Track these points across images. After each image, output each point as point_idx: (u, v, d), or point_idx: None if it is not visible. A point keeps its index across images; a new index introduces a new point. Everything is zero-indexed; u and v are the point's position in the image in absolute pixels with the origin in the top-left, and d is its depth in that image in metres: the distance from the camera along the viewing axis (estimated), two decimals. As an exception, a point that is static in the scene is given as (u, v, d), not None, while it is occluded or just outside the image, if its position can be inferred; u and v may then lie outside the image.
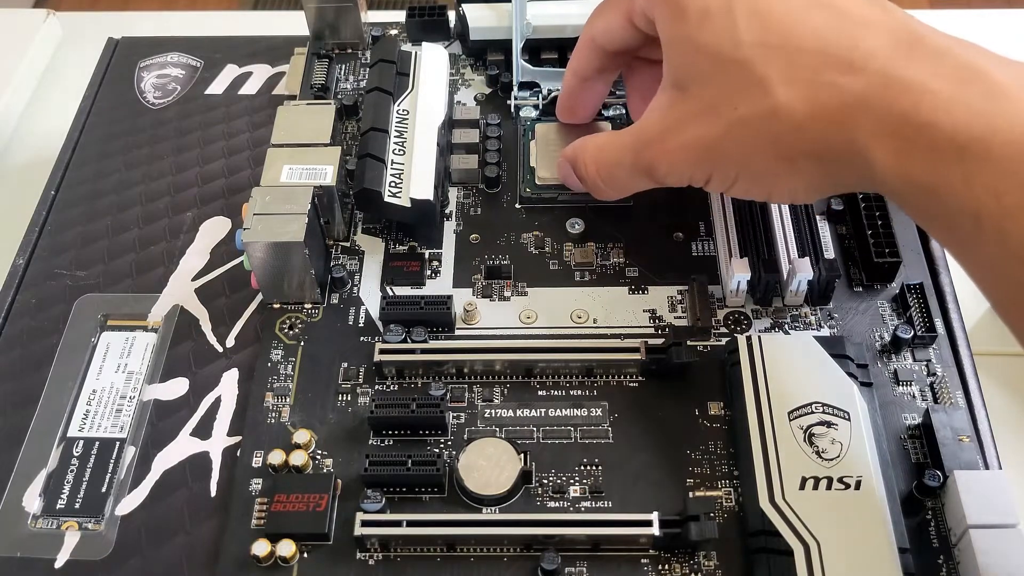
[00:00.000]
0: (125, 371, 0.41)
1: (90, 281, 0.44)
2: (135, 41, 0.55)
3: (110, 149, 0.49)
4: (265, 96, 0.52)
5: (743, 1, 0.33)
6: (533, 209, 0.45)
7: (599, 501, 0.36)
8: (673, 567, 0.34)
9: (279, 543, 0.34)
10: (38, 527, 0.36)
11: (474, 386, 0.39)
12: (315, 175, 0.42)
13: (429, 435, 0.38)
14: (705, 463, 0.37)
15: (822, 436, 0.35)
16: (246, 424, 0.38)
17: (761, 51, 0.32)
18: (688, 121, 0.35)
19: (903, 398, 0.38)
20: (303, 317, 0.42)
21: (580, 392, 0.39)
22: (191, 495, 0.37)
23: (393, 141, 0.44)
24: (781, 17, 0.33)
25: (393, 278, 0.43)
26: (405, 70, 0.47)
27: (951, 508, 0.34)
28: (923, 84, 0.29)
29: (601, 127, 0.46)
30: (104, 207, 0.47)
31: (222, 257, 0.44)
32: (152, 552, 0.35)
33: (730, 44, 0.33)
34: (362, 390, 0.39)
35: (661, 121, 0.36)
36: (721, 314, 0.41)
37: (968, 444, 0.36)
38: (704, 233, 0.44)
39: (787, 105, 0.32)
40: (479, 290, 0.42)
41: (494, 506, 0.36)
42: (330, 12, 0.51)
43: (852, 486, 0.34)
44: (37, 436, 0.39)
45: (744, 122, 0.33)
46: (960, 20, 0.61)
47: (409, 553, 0.35)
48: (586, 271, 0.43)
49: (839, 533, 0.33)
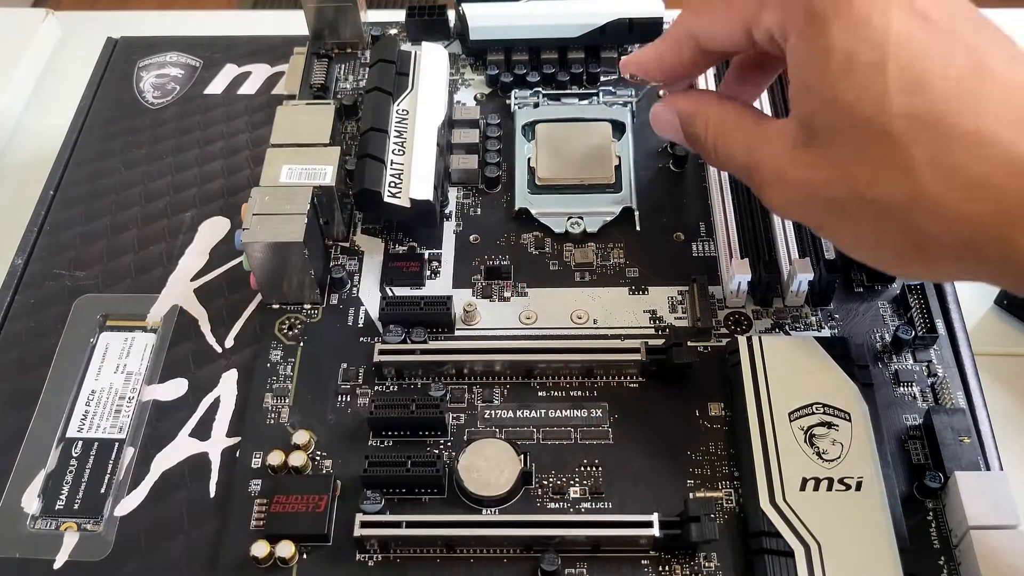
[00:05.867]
0: (124, 372, 0.41)
1: (89, 281, 0.44)
2: (134, 41, 0.55)
3: (109, 149, 0.49)
4: (264, 96, 0.52)
5: (898, 60, 0.28)
6: (533, 210, 0.45)
7: (599, 502, 0.36)
8: (673, 568, 0.34)
9: (278, 544, 0.34)
10: (37, 528, 0.36)
11: (474, 387, 0.39)
12: (314, 175, 0.42)
13: (429, 436, 0.38)
14: (705, 464, 0.36)
15: (823, 437, 0.35)
16: (245, 425, 0.38)
17: (910, 125, 0.28)
18: (813, 171, 0.31)
19: (904, 399, 0.38)
20: (302, 318, 0.41)
21: (580, 393, 0.39)
22: (190, 496, 0.37)
23: (393, 141, 0.44)
24: (940, 89, 0.28)
25: (393, 278, 0.43)
26: (405, 70, 0.47)
27: (952, 509, 0.34)
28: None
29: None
30: (103, 207, 0.47)
31: (221, 257, 0.44)
32: (151, 553, 0.35)
33: (874, 108, 0.29)
34: (361, 391, 0.39)
35: (784, 155, 0.32)
36: (722, 315, 0.41)
37: (969, 445, 0.36)
38: (704, 234, 0.44)
39: (933, 196, 0.28)
40: (479, 291, 0.42)
41: (494, 507, 0.36)
42: (330, 12, 0.51)
43: (853, 487, 0.34)
44: (36, 437, 0.39)
45: (877, 202, 0.29)
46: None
47: (409, 554, 0.35)
48: (586, 272, 0.43)
49: (840, 534, 0.33)
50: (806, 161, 0.31)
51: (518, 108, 0.48)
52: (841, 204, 0.31)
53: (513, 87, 0.50)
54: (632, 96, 0.49)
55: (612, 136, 0.47)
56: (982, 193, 0.28)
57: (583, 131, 0.47)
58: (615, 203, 0.44)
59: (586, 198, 0.45)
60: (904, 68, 0.28)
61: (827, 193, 0.31)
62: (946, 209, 0.28)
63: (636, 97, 0.49)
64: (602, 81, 0.50)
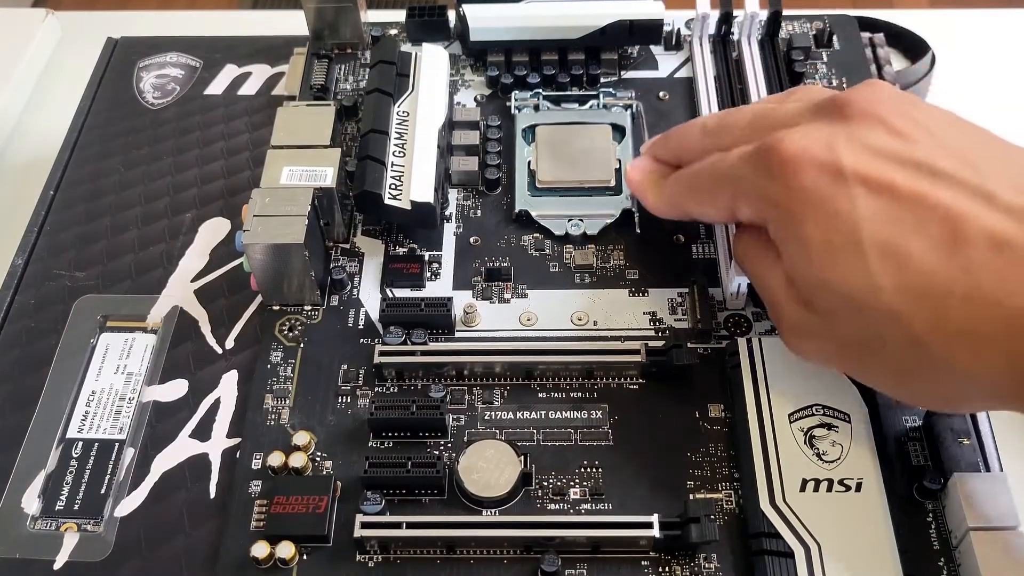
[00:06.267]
0: (124, 372, 0.41)
1: (89, 282, 0.44)
2: (134, 41, 0.55)
3: (109, 149, 0.49)
4: (265, 96, 0.52)
5: (874, 241, 0.29)
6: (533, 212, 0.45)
7: (599, 503, 0.36)
8: (673, 569, 0.34)
9: (278, 545, 0.34)
10: (37, 528, 0.36)
11: (474, 388, 0.39)
12: (315, 177, 0.42)
13: (429, 437, 0.38)
14: (705, 465, 0.36)
15: (823, 438, 0.35)
16: (245, 426, 0.38)
17: (903, 299, 0.29)
18: (821, 340, 0.33)
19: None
20: (303, 319, 0.42)
21: (580, 394, 0.39)
22: (190, 497, 0.37)
23: (393, 143, 0.44)
24: (921, 259, 0.29)
25: (393, 280, 0.43)
26: (405, 71, 0.47)
27: (952, 510, 0.34)
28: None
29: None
30: (103, 207, 0.47)
31: (221, 258, 0.44)
32: (151, 554, 0.35)
33: (865, 290, 0.30)
34: (362, 392, 0.39)
35: (794, 312, 0.33)
36: (721, 317, 0.41)
37: (968, 446, 0.36)
38: (704, 236, 0.44)
39: (944, 359, 0.29)
40: (479, 292, 0.42)
41: (494, 508, 0.36)
42: (330, 12, 0.51)
43: (853, 488, 0.34)
44: (36, 437, 0.39)
45: (893, 362, 0.30)
46: (960, 20, 0.61)
47: (409, 555, 0.35)
48: (586, 273, 0.43)
49: (840, 535, 0.33)
50: (814, 327, 0.32)
51: (518, 111, 0.49)
52: (856, 363, 0.32)
53: (513, 88, 0.50)
54: (632, 98, 0.49)
55: (612, 139, 0.47)
56: (991, 352, 0.28)
57: (583, 134, 0.47)
58: (615, 205, 0.44)
59: (586, 200, 0.45)
60: (883, 245, 0.29)
61: (842, 355, 0.33)
62: (962, 369, 0.29)
63: (636, 99, 0.49)
64: (602, 83, 0.50)
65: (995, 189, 0.29)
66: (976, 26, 0.60)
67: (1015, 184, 0.29)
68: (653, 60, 0.52)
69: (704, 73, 0.49)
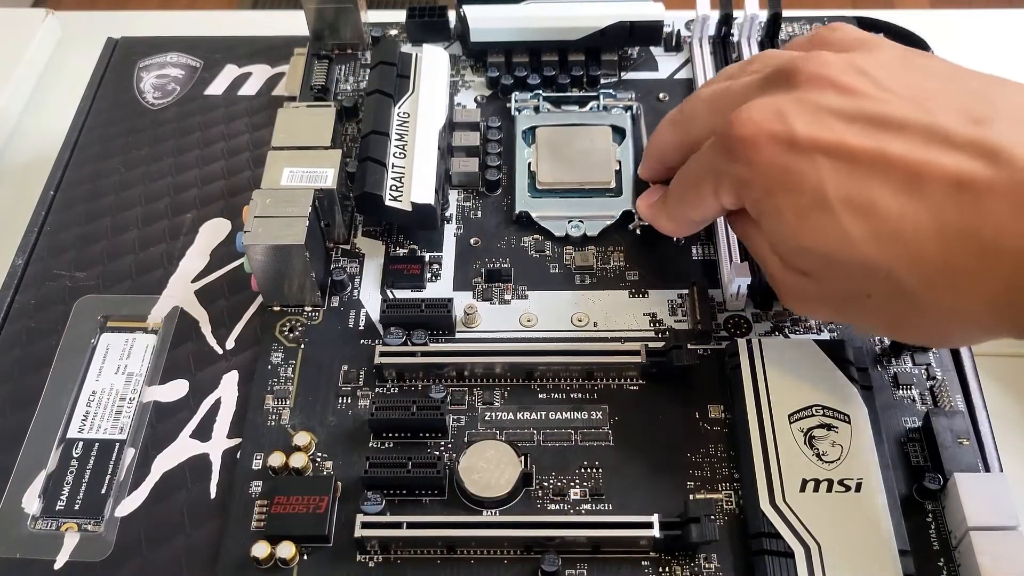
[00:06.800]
0: (125, 372, 0.41)
1: (89, 282, 0.44)
2: (134, 41, 0.55)
3: (109, 149, 0.49)
4: (265, 97, 0.52)
5: (834, 194, 0.30)
6: (534, 213, 0.45)
7: (599, 503, 0.36)
8: (674, 569, 0.34)
9: (279, 545, 0.34)
10: (37, 528, 0.36)
11: (474, 389, 0.39)
12: (316, 178, 0.42)
13: (429, 438, 0.38)
14: (706, 466, 0.37)
15: (823, 439, 0.35)
16: (246, 426, 0.38)
17: (879, 246, 0.30)
18: (815, 302, 0.34)
19: (903, 401, 0.38)
20: (303, 320, 0.42)
21: (580, 395, 0.39)
22: (191, 497, 0.37)
23: (394, 144, 0.44)
24: (885, 207, 0.29)
25: (393, 281, 0.43)
26: (406, 72, 0.47)
27: (951, 510, 0.34)
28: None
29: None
30: (103, 208, 0.47)
31: (222, 259, 0.44)
32: (152, 554, 0.35)
33: (840, 245, 0.30)
34: (362, 393, 0.39)
35: (780, 273, 0.34)
36: (721, 318, 0.41)
37: (968, 447, 0.36)
38: (704, 237, 0.44)
39: (929, 299, 0.30)
40: (479, 293, 0.42)
41: (494, 508, 0.36)
42: (330, 12, 0.51)
43: (852, 488, 0.34)
44: (36, 437, 0.39)
45: (882, 309, 0.31)
46: (960, 20, 0.61)
47: (409, 555, 0.35)
48: (586, 275, 0.43)
49: (840, 535, 0.33)
50: (807, 290, 0.34)
51: (518, 112, 0.49)
52: (851, 316, 0.34)
53: (513, 89, 0.50)
54: (632, 100, 0.49)
55: (612, 140, 0.47)
56: (971, 284, 0.29)
57: (583, 135, 0.47)
58: (615, 207, 0.44)
59: (586, 202, 0.45)
60: (848, 200, 0.30)
61: (838, 310, 0.34)
62: (947, 307, 0.29)
63: (636, 100, 0.49)
64: (602, 84, 0.50)
65: (948, 125, 0.30)
66: (976, 26, 0.60)
67: (967, 112, 0.30)
68: (653, 61, 0.52)
69: (704, 74, 0.49)
